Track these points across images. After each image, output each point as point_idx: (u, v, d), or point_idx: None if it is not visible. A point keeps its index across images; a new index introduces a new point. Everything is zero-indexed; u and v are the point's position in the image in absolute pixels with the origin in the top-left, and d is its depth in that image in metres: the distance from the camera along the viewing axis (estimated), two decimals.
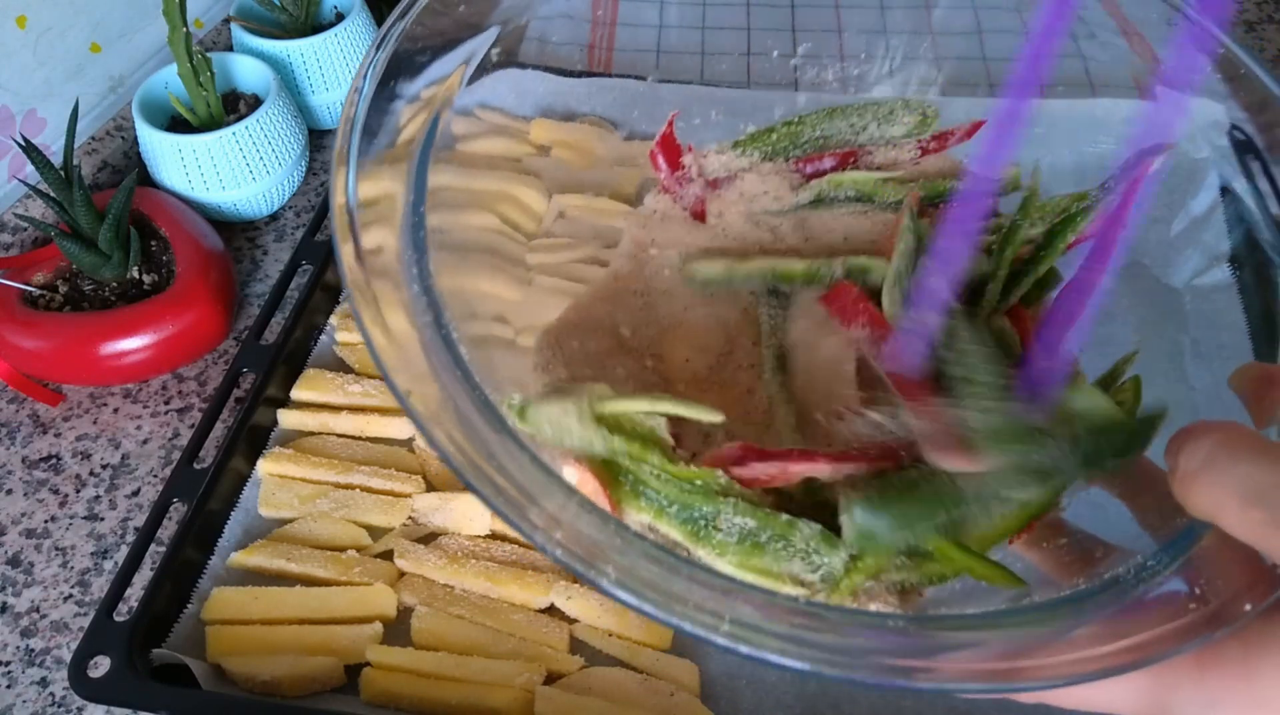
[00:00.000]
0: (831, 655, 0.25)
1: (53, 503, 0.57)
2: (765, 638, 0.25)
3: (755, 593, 0.28)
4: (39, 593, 0.54)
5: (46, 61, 0.68)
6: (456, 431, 0.28)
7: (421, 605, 0.50)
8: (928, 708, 0.48)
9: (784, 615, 0.27)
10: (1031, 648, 0.27)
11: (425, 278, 0.31)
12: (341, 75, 0.76)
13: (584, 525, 0.28)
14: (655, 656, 0.49)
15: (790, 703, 0.48)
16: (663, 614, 0.25)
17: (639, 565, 0.27)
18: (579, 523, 0.28)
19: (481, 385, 0.30)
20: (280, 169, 0.70)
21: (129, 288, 0.62)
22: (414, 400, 0.27)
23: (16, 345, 0.59)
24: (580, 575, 0.25)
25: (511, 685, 0.47)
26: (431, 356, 0.30)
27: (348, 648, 0.48)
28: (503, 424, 0.29)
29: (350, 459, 0.56)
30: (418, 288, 0.31)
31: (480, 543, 0.52)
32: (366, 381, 0.59)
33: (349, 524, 0.53)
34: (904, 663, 0.26)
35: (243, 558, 0.52)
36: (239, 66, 0.72)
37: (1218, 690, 0.25)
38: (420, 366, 0.29)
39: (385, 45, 0.34)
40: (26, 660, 0.51)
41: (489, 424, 0.29)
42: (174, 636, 0.49)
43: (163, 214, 0.64)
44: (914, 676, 0.25)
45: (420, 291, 0.31)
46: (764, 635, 0.25)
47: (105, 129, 0.74)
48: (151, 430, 0.60)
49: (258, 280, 0.69)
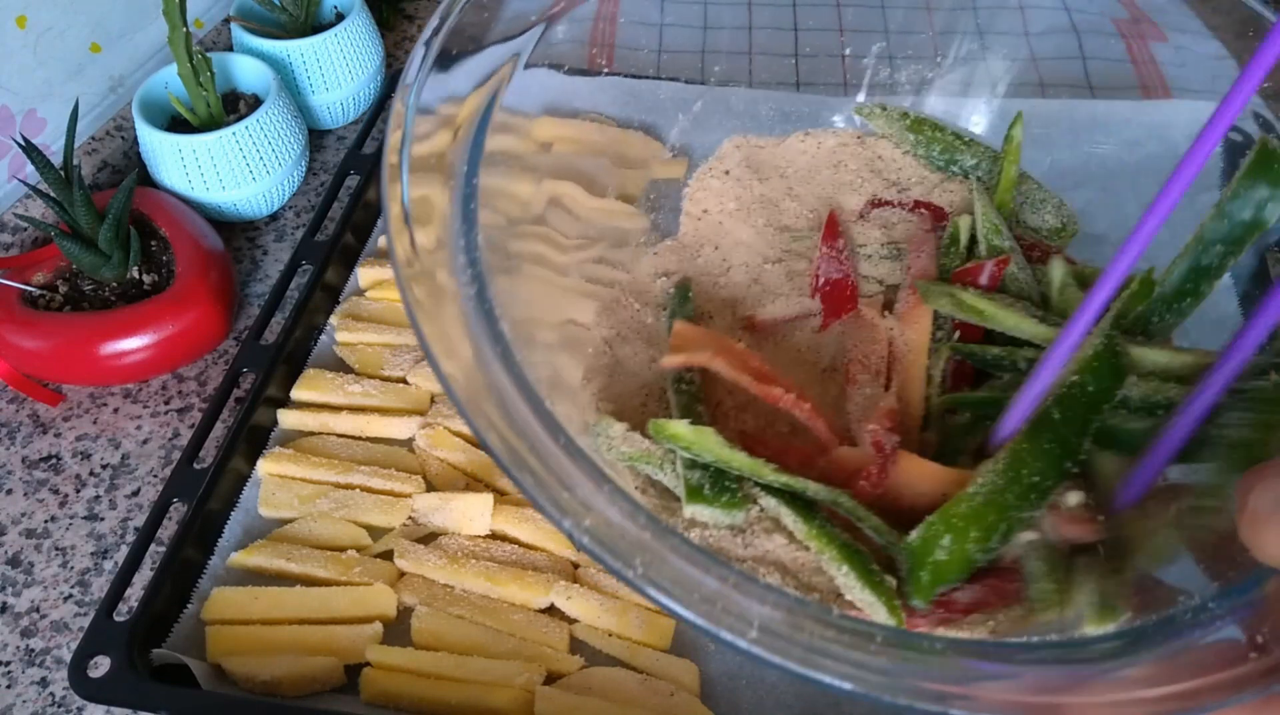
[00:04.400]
0: (860, 672, 0.25)
1: (53, 503, 0.57)
2: (792, 647, 0.25)
3: (790, 599, 0.27)
4: (39, 593, 0.54)
5: (46, 61, 0.68)
6: (494, 413, 0.28)
7: (421, 605, 0.50)
8: None
9: (815, 626, 0.26)
10: (1076, 683, 0.26)
11: (473, 250, 0.32)
12: (341, 75, 0.76)
13: (614, 516, 0.27)
14: (655, 656, 0.49)
15: (790, 702, 0.48)
16: (690, 613, 0.24)
17: (668, 561, 0.27)
18: (609, 513, 0.27)
19: (520, 365, 0.30)
20: (280, 169, 0.70)
21: (129, 288, 0.62)
22: (450, 372, 0.27)
23: (16, 345, 0.59)
24: (608, 566, 0.25)
25: (511, 685, 0.46)
26: (475, 338, 0.30)
27: (348, 648, 0.48)
28: (542, 408, 0.29)
29: (350, 459, 0.56)
30: (463, 259, 0.31)
31: (480, 543, 0.52)
32: (366, 381, 0.59)
33: (349, 524, 0.53)
34: (940, 688, 0.25)
35: (243, 558, 0.51)
36: (239, 66, 0.72)
37: None
38: (463, 348, 0.29)
39: (444, 25, 0.34)
40: (26, 660, 0.51)
41: (529, 405, 0.29)
42: (174, 636, 0.49)
43: (163, 214, 0.64)
44: (950, 703, 0.24)
45: (466, 262, 0.31)
46: (792, 645, 0.25)
47: (105, 129, 0.74)
48: (151, 430, 0.60)
49: (258, 280, 0.69)
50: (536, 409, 0.29)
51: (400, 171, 0.31)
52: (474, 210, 0.33)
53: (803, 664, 0.24)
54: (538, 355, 0.35)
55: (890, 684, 0.24)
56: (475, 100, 0.37)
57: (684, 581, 0.26)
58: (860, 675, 0.24)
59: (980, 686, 0.26)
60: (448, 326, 0.29)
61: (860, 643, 0.26)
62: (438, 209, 0.32)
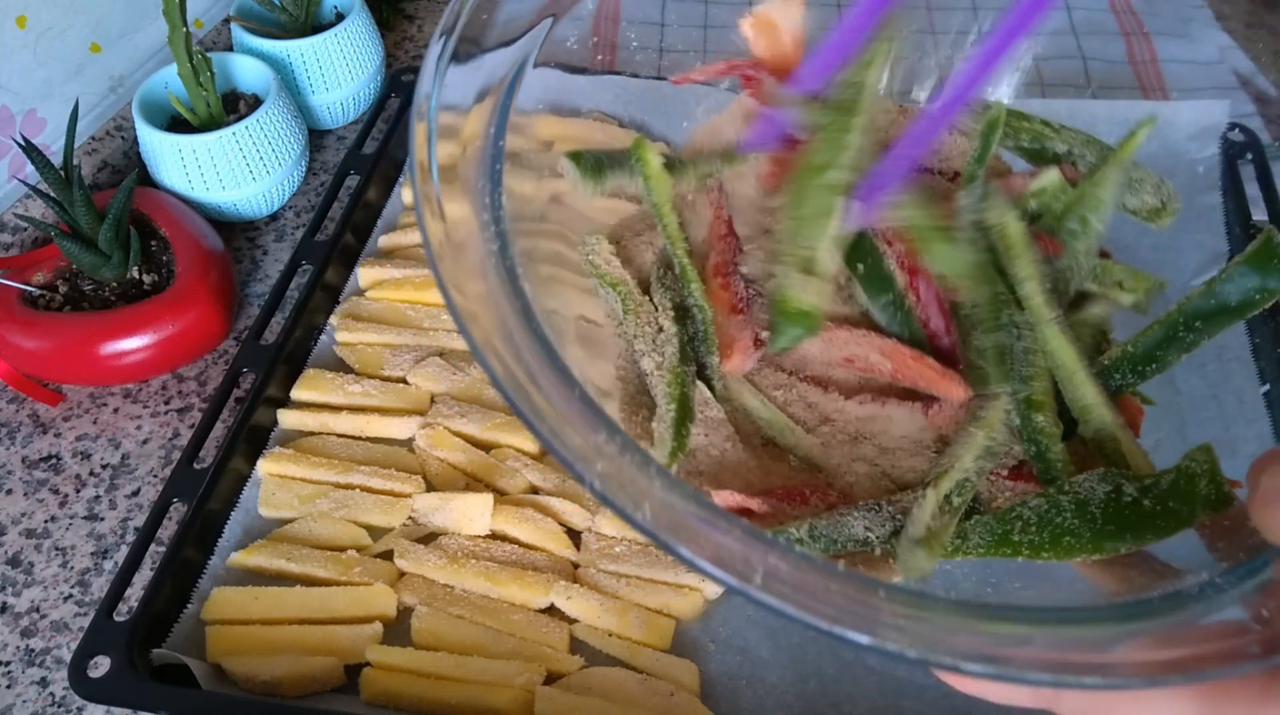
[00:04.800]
0: (857, 616, 0.25)
1: (53, 503, 0.57)
2: (793, 592, 0.25)
3: (790, 552, 0.28)
4: (39, 593, 0.54)
5: (46, 61, 0.68)
6: (506, 352, 0.28)
7: (421, 605, 0.50)
8: (928, 708, 0.48)
9: (822, 577, 0.27)
10: (1081, 649, 0.26)
11: (497, 208, 0.32)
12: (341, 75, 0.76)
13: (626, 464, 0.27)
14: (655, 656, 0.49)
15: (790, 702, 0.48)
16: (697, 559, 0.25)
17: (676, 505, 0.27)
18: (621, 461, 0.27)
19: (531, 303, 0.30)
20: (280, 169, 0.70)
21: (129, 288, 0.62)
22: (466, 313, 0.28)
23: (16, 345, 0.59)
24: (615, 510, 0.25)
25: (511, 685, 0.46)
26: (489, 275, 0.30)
27: (348, 648, 0.48)
28: (551, 351, 0.29)
29: (350, 459, 0.56)
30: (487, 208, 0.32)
31: (480, 543, 0.52)
32: (366, 381, 0.59)
33: (349, 524, 0.53)
34: (951, 641, 0.25)
35: (243, 558, 0.51)
36: (239, 66, 0.72)
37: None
38: (477, 284, 0.30)
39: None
40: (26, 660, 0.51)
41: (538, 349, 0.29)
42: (174, 636, 0.49)
43: (163, 214, 0.64)
44: (962, 661, 0.24)
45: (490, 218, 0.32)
46: (793, 590, 0.25)
47: (105, 129, 0.74)
48: (151, 430, 0.60)
49: (258, 280, 0.69)
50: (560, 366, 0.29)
51: (429, 124, 0.32)
52: (499, 171, 0.34)
53: (805, 610, 0.24)
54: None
55: (892, 634, 0.25)
56: (506, 63, 0.37)
57: (688, 527, 0.26)
58: (855, 620, 0.25)
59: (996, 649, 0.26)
60: (465, 268, 0.30)
61: (863, 593, 0.26)
62: (461, 171, 0.33)
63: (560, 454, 0.26)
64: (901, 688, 0.48)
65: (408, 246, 0.67)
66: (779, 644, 0.50)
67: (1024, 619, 0.27)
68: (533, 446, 0.57)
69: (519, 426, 0.57)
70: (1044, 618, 0.27)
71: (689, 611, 0.50)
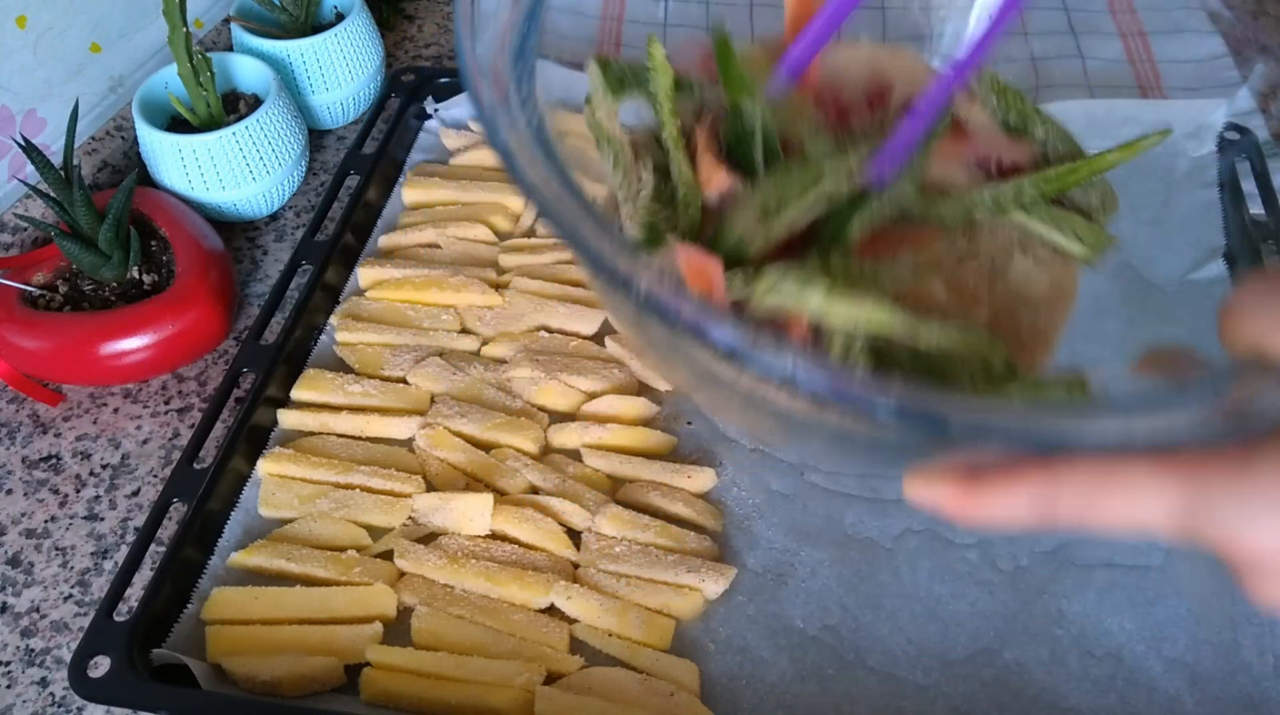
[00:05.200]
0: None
1: (53, 503, 0.57)
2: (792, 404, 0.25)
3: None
4: (39, 593, 0.54)
5: (46, 61, 0.69)
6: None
7: (421, 605, 0.50)
8: (928, 707, 0.48)
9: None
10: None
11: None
12: (341, 75, 0.76)
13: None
14: (655, 656, 0.49)
15: (790, 702, 0.48)
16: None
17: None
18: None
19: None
20: (280, 169, 0.70)
21: (129, 288, 0.62)
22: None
23: (16, 345, 0.59)
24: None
25: (511, 685, 0.47)
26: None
27: (348, 648, 0.48)
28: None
29: (350, 459, 0.56)
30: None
31: (480, 543, 0.52)
32: (366, 381, 0.59)
33: (349, 524, 0.53)
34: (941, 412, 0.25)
35: (243, 558, 0.51)
36: (239, 66, 0.72)
37: (1253, 490, 0.23)
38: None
39: None
40: (26, 660, 0.51)
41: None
42: (174, 636, 0.49)
43: (163, 214, 0.64)
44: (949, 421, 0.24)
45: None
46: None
47: (105, 129, 0.74)
48: (151, 430, 0.60)
49: (258, 280, 0.69)
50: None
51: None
52: (532, 47, 0.35)
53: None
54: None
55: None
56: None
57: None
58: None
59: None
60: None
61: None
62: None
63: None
64: (902, 688, 0.48)
65: (408, 246, 0.67)
66: (779, 644, 0.50)
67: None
68: (533, 447, 0.57)
69: (519, 427, 0.57)
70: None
71: (689, 611, 0.50)
